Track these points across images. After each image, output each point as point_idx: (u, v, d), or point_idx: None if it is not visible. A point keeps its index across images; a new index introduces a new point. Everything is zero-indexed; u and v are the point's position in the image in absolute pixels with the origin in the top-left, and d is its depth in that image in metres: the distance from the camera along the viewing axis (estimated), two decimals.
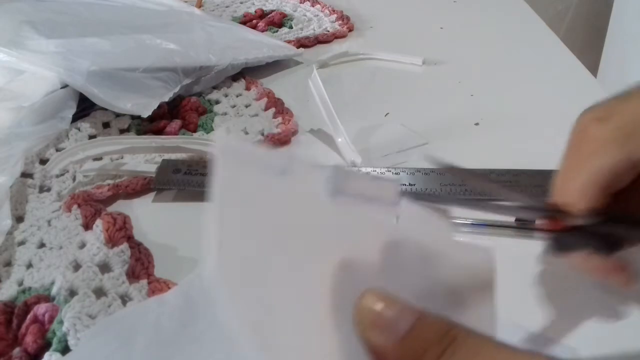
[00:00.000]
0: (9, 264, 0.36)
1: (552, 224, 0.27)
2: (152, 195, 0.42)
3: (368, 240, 0.20)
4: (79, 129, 0.48)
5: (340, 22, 0.72)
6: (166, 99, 0.51)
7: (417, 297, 0.18)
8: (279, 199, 0.20)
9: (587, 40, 1.08)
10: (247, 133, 0.49)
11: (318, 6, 0.77)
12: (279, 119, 0.51)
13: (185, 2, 0.69)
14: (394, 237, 0.21)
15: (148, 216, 0.39)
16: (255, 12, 0.76)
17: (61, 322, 0.30)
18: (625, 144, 0.25)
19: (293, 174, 0.20)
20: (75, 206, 0.39)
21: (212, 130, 0.50)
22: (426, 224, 0.22)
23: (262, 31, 0.70)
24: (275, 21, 0.73)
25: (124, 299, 0.32)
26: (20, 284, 0.34)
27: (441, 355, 0.16)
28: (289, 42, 0.66)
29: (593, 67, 0.79)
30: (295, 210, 0.20)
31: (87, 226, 0.37)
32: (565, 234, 0.27)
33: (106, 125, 0.50)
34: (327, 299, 0.19)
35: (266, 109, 0.52)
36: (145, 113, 0.48)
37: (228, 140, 0.20)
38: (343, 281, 0.19)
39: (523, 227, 0.36)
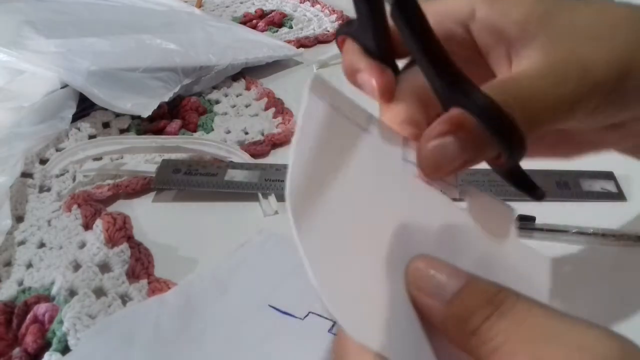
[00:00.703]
0: (9, 264, 0.36)
1: None
2: (152, 195, 0.42)
3: (433, 213, 0.21)
4: (79, 129, 0.48)
5: (340, 22, 0.72)
6: (166, 99, 0.51)
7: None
8: (357, 151, 0.20)
9: None
10: (247, 133, 0.49)
11: (318, 6, 0.77)
12: (279, 118, 0.51)
13: (185, 2, 0.69)
14: (458, 218, 0.21)
15: (148, 216, 0.39)
16: (255, 12, 0.76)
17: (61, 322, 0.30)
18: None
19: (372, 133, 0.21)
20: (75, 206, 0.39)
21: (212, 130, 0.50)
22: (492, 216, 0.22)
23: (262, 31, 0.70)
24: (275, 21, 0.73)
25: (124, 299, 0.32)
26: (20, 283, 0.34)
27: (488, 319, 0.16)
28: (289, 42, 0.65)
29: None
30: (369, 166, 0.20)
31: (87, 226, 0.37)
32: (361, 16, 0.23)
33: (106, 125, 0.50)
34: (387, 255, 0.19)
35: (266, 109, 0.52)
36: (145, 113, 0.48)
37: (321, 81, 0.20)
38: (403, 241, 0.19)
39: (523, 227, 0.36)
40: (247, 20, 0.74)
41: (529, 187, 0.23)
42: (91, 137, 0.48)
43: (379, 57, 0.23)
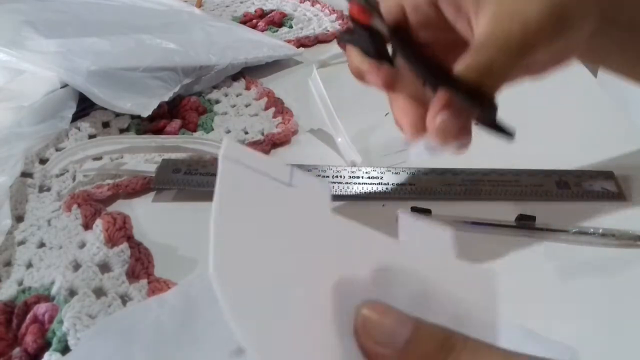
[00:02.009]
0: (9, 263, 0.36)
1: (356, 12, 0.28)
2: (152, 195, 0.42)
3: (367, 254, 0.21)
4: (79, 129, 0.48)
5: (340, 21, 0.72)
6: (166, 98, 0.51)
7: (413, 310, 0.19)
8: (282, 208, 0.20)
9: None
10: (247, 133, 0.49)
11: (318, 6, 0.77)
12: (279, 118, 0.51)
13: (185, 2, 0.69)
14: (393, 252, 0.21)
15: (148, 216, 0.39)
16: (255, 11, 0.76)
17: (61, 322, 0.30)
18: None
19: (296, 186, 0.21)
20: (75, 206, 0.39)
21: (212, 129, 0.50)
22: (427, 241, 0.22)
23: (262, 31, 0.70)
24: (275, 21, 0.73)
25: (124, 298, 0.32)
26: (20, 283, 0.34)
27: None
28: (289, 41, 0.65)
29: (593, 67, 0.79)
30: (297, 221, 0.20)
31: (87, 226, 0.37)
32: (357, 28, 0.28)
33: (106, 125, 0.50)
34: (327, 310, 0.19)
35: (266, 108, 0.52)
36: (145, 113, 0.48)
37: (235, 147, 0.20)
38: (343, 293, 0.19)
39: (523, 227, 0.36)
40: (247, 20, 0.74)
41: (503, 130, 0.26)
42: (91, 137, 0.48)
43: (376, 56, 0.28)
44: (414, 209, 0.37)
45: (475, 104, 0.24)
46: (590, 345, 0.28)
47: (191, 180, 0.41)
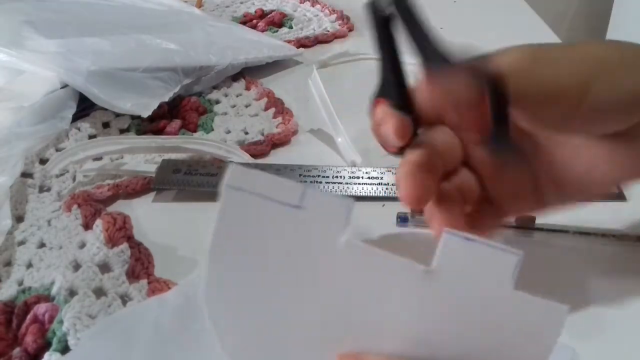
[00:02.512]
0: (9, 264, 0.36)
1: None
2: (152, 195, 0.42)
3: (387, 289, 0.19)
4: (79, 129, 0.48)
5: (340, 22, 0.72)
6: (166, 98, 0.50)
7: (448, 353, 0.17)
8: (287, 236, 0.19)
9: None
10: (247, 133, 0.49)
11: (318, 6, 0.77)
12: (279, 119, 0.51)
13: (185, 2, 0.69)
14: (422, 286, 0.18)
15: (148, 216, 0.39)
16: (255, 12, 0.76)
17: (61, 322, 0.30)
18: None
19: (307, 208, 0.19)
20: (75, 206, 0.39)
21: (212, 130, 0.50)
22: (475, 270, 0.18)
23: (262, 31, 0.70)
24: (275, 21, 0.73)
25: (124, 299, 0.32)
26: (20, 283, 0.34)
27: None
28: (289, 42, 0.65)
29: None
30: (302, 250, 0.19)
31: (87, 226, 0.37)
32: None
33: (106, 125, 0.50)
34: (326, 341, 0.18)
35: (266, 109, 0.52)
36: (145, 113, 0.48)
37: (239, 172, 0.20)
38: (343, 322, 0.19)
39: (523, 227, 0.36)
40: (247, 20, 0.74)
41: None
42: (91, 137, 0.48)
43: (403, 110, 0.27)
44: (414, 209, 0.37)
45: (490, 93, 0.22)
46: (590, 345, 0.28)
47: (191, 180, 0.41)
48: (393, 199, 0.40)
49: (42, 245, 0.37)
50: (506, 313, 0.18)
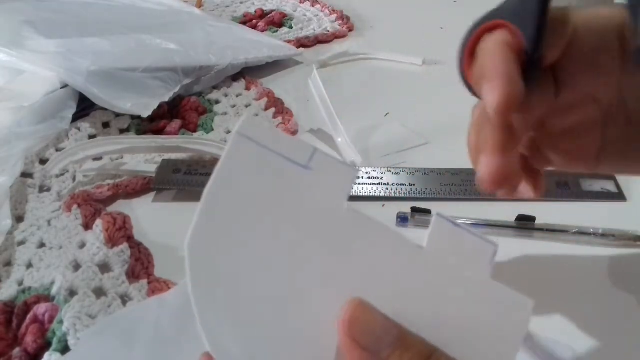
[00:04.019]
0: (9, 264, 0.35)
1: None
2: (152, 195, 0.42)
3: (380, 258, 0.19)
4: (79, 129, 0.48)
5: (340, 22, 0.72)
6: (166, 99, 0.51)
7: (422, 328, 0.18)
8: (289, 192, 0.19)
9: None
10: None
11: (318, 6, 0.77)
12: (279, 118, 0.51)
13: (185, 2, 0.69)
14: (412, 260, 0.19)
15: (148, 216, 0.39)
16: (255, 12, 0.76)
17: (61, 322, 0.30)
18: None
19: (314, 170, 0.19)
20: (75, 206, 0.39)
21: (212, 130, 0.50)
22: (459, 254, 0.19)
23: (262, 31, 0.70)
24: (275, 21, 0.73)
25: (124, 299, 0.32)
26: (20, 283, 0.34)
27: None
28: (289, 42, 0.66)
29: None
30: (303, 208, 0.19)
31: (87, 226, 0.37)
32: None
33: (106, 125, 0.50)
34: (314, 309, 0.18)
35: (266, 109, 0.52)
36: (145, 113, 0.48)
37: (252, 123, 0.19)
38: (338, 281, 0.19)
39: (523, 227, 0.36)
40: (247, 20, 0.74)
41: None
42: (91, 137, 0.48)
43: (533, 48, 0.21)
44: (414, 209, 0.37)
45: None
46: (590, 345, 0.29)
47: (191, 180, 0.41)
48: (393, 199, 0.40)
49: (42, 245, 0.37)
50: (480, 300, 0.19)
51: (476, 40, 0.23)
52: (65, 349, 0.29)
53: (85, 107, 0.49)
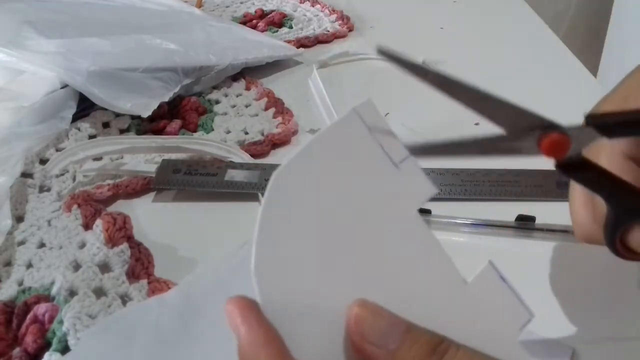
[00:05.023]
0: (9, 264, 0.35)
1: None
2: (152, 195, 0.42)
3: (428, 279, 0.20)
4: (79, 129, 0.48)
5: (340, 22, 0.72)
6: (166, 99, 0.50)
7: None
8: (374, 178, 0.20)
9: (587, 40, 1.07)
10: (247, 133, 0.49)
11: (318, 6, 0.77)
12: (279, 119, 0.51)
13: (185, 2, 0.69)
14: (456, 292, 0.20)
15: (148, 216, 0.39)
16: (255, 12, 0.76)
17: (61, 322, 0.30)
18: None
19: (401, 170, 0.21)
20: (75, 206, 0.39)
21: (212, 130, 0.50)
22: (497, 308, 0.20)
23: (262, 31, 0.70)
24: (275, 21, 0.73)
25: (124, 299, 0.32)
26: (20, 283, 0.34)
27: None
28: (289, 42, 0.65)
29: (593, 67, 0.79)
30: (379, 203, 0.20)
31: (87, 226, 0.37)
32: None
33: (106, 125, 0.50)
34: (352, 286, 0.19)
35: (266, 109, 0.52)
36: (145, 113, 0.48)
37: (369, 107, 0.21)
38: (378, 279, 0.19)
39: (523, 227, 0.36)
40: (247, 20, 0.74)
41: None
42: (91, 137, 0.48)
43: None
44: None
45: None
46: (590, 345, 0.29)
47: (191, 180, 0.41)
48: None
49: (42, 245, 0.37)
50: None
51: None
52: (65, 349, 0.29)
53: (85, 107, 0.49)
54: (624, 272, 0.34)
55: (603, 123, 0.21)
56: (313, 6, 0.77)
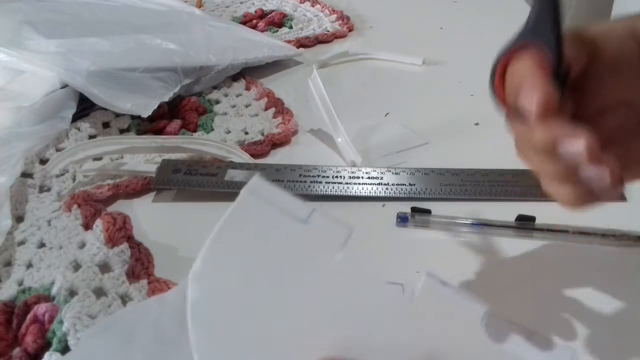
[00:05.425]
0: (9, 264, 0.35)
1: None
2: (152, 195, 0.42)
3: (368, 308, 0.21)
4: (79, 129, 0.48)
5: (340, 22, 0.72)
6: (166, 99, 0.51)
7: None
8: (287, 241, 0.21)
9: None
10: (247, 133, 0.49)
11: (318, 6, 0.77)
12: (279, 118, 0.51)
13: (185, 2, 0.69)
14: (400, 312, 0.21)
15: (148, 216, 0.39)
16: (255, 12, 0.76)
17: (61, 322, 0.30)
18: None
19: (311, 224, 0.21)
20: (75, 206, 0.39)
21: (212, 130, 0.50)
22: (450, 311, 0.21)
23: (262, 31, 0.70)
24: (275, 21, 0.73)
25: (124, 299, 0.32)
26: (20, 284, 0.34)
27: None
28: (289, 42, 0.66)
29: None
30: (298, 256, 0.21)
31: (87, 226, 0.37)
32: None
33: (106, 125, 0.50)
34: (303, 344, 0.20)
35: (266, 109, 0.52)
36: (145, 113, 0.48)
37: (260, 183, 0.22)
38: (323, 328, 0.20)
39: (523, 227, 0.36)
40: (247, 20, 0.74)
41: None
42: (91, 137, 0.48)
43: (556, 65, 0.23)
44: (414, 209, 0.37)
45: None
46: (590, 345, 0.29)
47: (191, 180, 0.41)
48: (393, 199, 0.40)
49: (42, 245, 0.37)
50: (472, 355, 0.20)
51: (506, 62, 0.25)
52: (65, 349, 0.29)
53: (85, 107, 0.49)
54: (625, 272, 0.34)
55: None
56: (313, 6, 0.77)
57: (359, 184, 0.41)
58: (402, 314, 0.21)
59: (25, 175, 0.43)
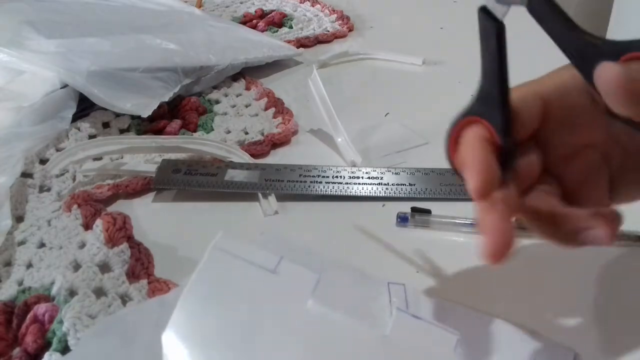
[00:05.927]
0: (9, 264, 0.35)
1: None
2: (152, 195, 0.42)
3: (347, 343, 0.22)
4: (79, 129, 0.48)
5: (340, 22, 0.72)
6: (166, 99, 0.51)
7: None
8: (259, 292, 0.22)
9: None
10: (247, 133, 0.49)
11: (318, 6, 0.77)
12: (279, 118, 0.51)
13: (185, 2, 0.69)
14: (380, 346, 0.22)
15: (148, 216, 0.39)
16: (255, 12, 0.76)
17: (61, 322, 0.30)
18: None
19: (280, 274, 0.23)
20: (75, 206, 0.39)
21: (212, 130, 0.50)
22: (423, 343, 0.22)
23: (262, 31, 0.70)
24: (275, 21, 0.73)
25: (124, 299, 0.32)
26: (20, 283, 0.34)
27: None
28: (289, 42, 0.66)
29: None
30: (271, 304, 0.22)
31: (87, 226, 0.37)
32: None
33: (106, 125, 0.50)
34: None
35: (266, 108, 0.52)
36: (145, 113, 0.48)
37: (226, 240, 0.23)
38: None
39: (523, 227, 0.36)
40: (247, 20, 0.74)
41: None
42: (91, 137, 0.48)
43: (503, 136, 0.24)
44: (414, 209, 0.37)
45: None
46: (590, 345, 0.28)
47: (191, 180, 0.41)
48: (393, 199, 0.40)
49: (42, 245, 0.37)
50: None
51: (458, 132, 0.27)
52: (65, 349, 0.29)
53: (85, 107, 0.49)
54: (626, 272, 0.34)
55: None
56: (313, 6, 0.77)
57: (359, 184, 0.41)
58: (377, 349, 0.22)
59: (25, 175, 0.43)
